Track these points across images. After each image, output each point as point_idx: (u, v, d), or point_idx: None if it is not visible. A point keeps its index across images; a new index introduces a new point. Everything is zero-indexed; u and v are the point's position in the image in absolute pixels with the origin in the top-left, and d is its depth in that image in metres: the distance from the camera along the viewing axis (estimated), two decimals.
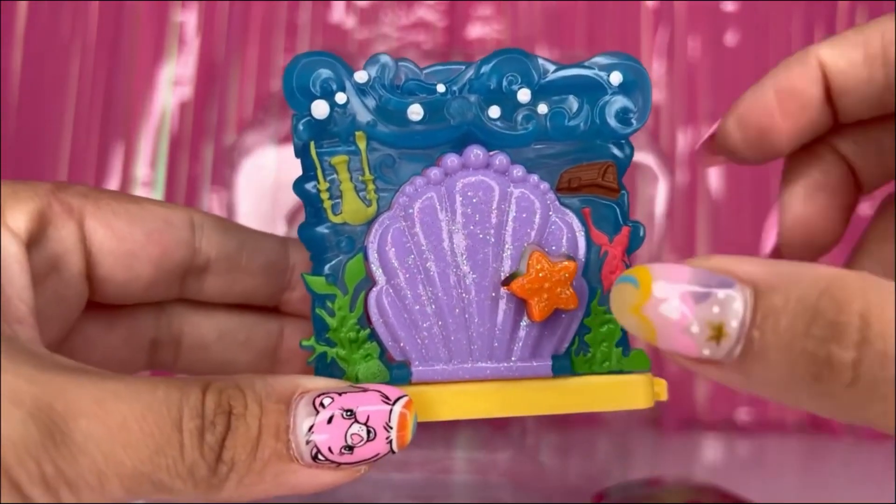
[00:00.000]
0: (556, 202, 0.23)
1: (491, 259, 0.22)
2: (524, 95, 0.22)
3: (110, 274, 0.22)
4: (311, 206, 0.22)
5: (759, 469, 0.49)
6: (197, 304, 0.25)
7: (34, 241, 0.21)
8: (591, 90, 0.22)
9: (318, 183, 0.22)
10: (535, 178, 0.22)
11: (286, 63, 0.22)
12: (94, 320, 0.23)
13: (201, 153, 0.51)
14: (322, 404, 0.19)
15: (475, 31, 0.53)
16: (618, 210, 0.23)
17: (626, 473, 0.43)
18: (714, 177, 0.52)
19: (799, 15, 0.53)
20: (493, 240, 0.22)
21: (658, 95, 0.52)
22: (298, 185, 0.22)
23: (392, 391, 0.20)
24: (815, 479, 0.48)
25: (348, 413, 0.19)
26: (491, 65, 0.22)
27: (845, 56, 0.22)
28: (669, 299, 0.16)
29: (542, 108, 0.22)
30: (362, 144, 0.22)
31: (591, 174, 0.22)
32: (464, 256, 0.22)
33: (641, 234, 0.23)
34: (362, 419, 0.19)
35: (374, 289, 0.22)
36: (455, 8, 0.52)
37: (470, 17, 0.53)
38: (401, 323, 0.22)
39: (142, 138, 0.51)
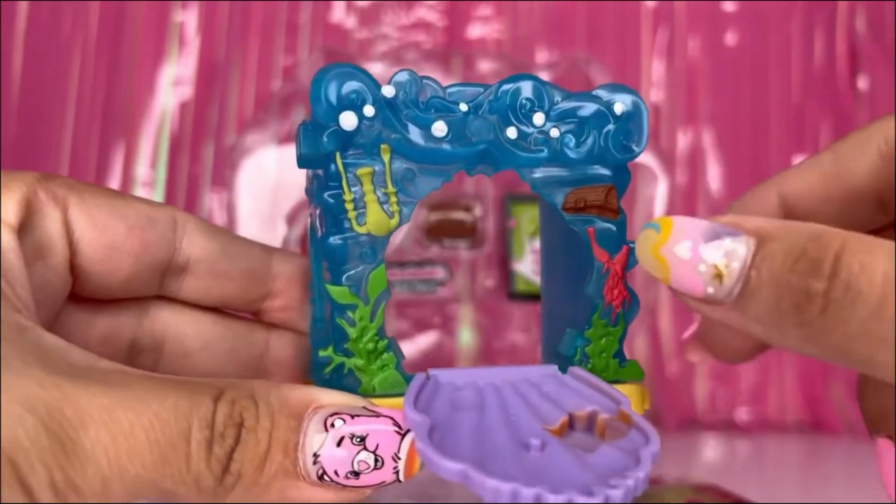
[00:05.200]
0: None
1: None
2: (539, 119, 0.23)
3: (90, 265, 0.22)
4: (332, 215, 0.22)
5: (759, 469, 0.49)
6: (180, 309, 0.25)
7: (22, 228, 0.21)
8: (597, 118, 0.24)
9: (344, 193, 0.22)
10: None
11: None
12: (74, 314, 0.23)
13: (201, 153, 0.51)
14: (333, 425, 0.19)
15: (475, 31, 0.53)
16: (617, 230, 0.24)
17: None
18: (714, 177, 0.52)
19: (799, 15, 0.53)
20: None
21: (658, 95, 0.52)
22: (319, 195, 0.22)
23: (404, 420, 0.20)
24: (815, 479, 0.48)
25: (358, 439, 0.19)
26: (509, 88, 0.23)
27: (802, 180, 0.24)
28: (683, 242, 0.18)
29: (554, 133, 0.23)
30: (386, 157, 0.22)
31: (595, 196, 0.24)
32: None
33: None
34: (371, 447, 0.19)
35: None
36: (455, 8, 0.52)
37: (470, 17, 0.53)
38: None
39: (142, 138, 0.51)
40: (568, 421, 0.21)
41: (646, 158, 0.49)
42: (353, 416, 0.19)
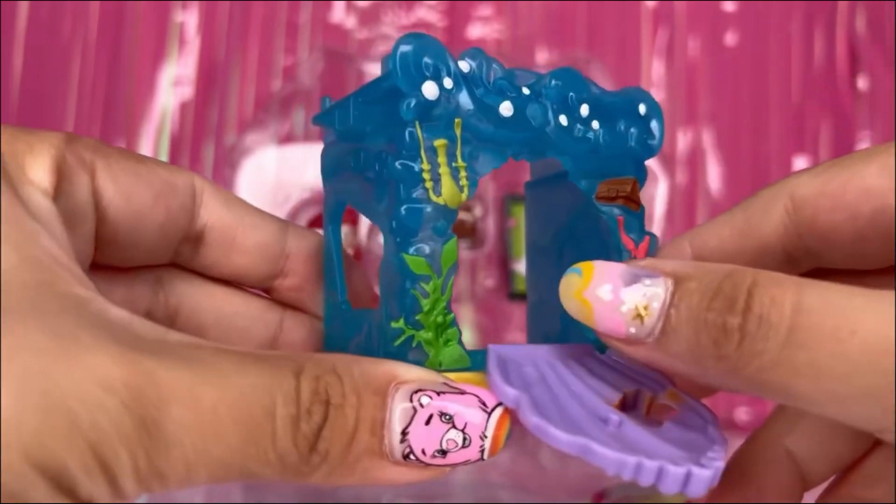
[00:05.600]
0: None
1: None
2: (584, 110, 0.24)
3: (116, 233, 0.21)
4: (406, 184, 0.21)
5: None
6: (195, 281, 0.24)
7: (55, 195, 0.19)
8: (629, 116, 0.25)
9: (422, 163, 0.22)
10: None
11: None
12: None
13: (202, 153, 0.51)
14: (420, 403, 0.18)
15: (475, 31, 0.53)
16: (639, 221, 0.25)
17: None
18: (714, 177, 0.52)
19: (799, 15, 0.53)
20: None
21: (658, 95, 0.52)
22: (390, 162, 0.22)
23: (489, 397, 0.19)
24: None
25: (447, 417, 0.18)
26: (561, 79, 0.24)
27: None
28: (605, 285, 0.19)
29: (595, 125, 0.24)
30: (458, 132, 0.22)
31: (624, 188, 0.25)
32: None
33: (657, 244, 0.26)
34: (460, 425, 0.18)
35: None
36: (455, 8, 0.52)
37: (470, 17, 0.53)
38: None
39: (142, 138, 0.51)
40: (623, 398, 0.21)
41: None
42: (438, 393, 0.19)
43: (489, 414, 0.19)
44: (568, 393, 0.21)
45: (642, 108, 0.25)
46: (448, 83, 0.22)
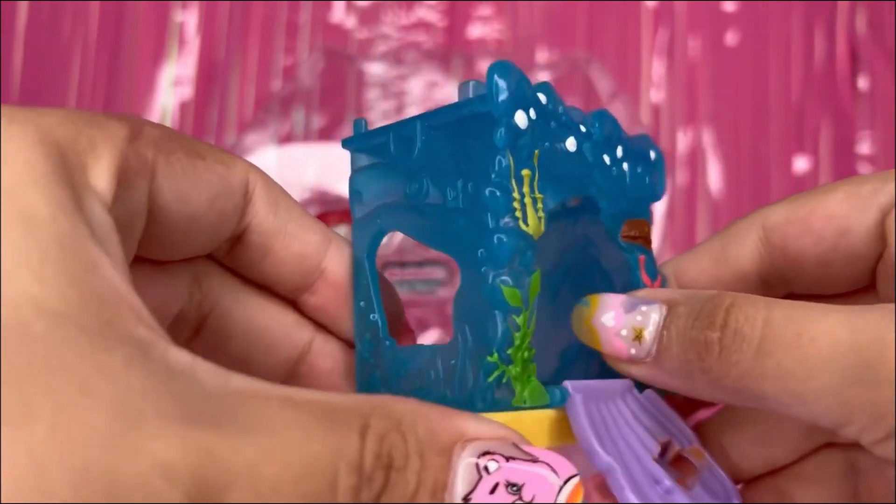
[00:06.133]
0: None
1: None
2: (619, 152, 0.25)
3: (166, 234, 0.20)
4: (497, 213, 0.21)
5: None
6: (231, 286, 0.23)
7: (113, 203, 0.18)
8: (644, 161, 0.26)
9: (513, 191, 0.21)
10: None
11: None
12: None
13: None
14: (487, 469, 0.17)
15: (475, 31, 0.53)
16: (652, 260, 0.26)
17: None
18: (714, 177, 0.52)
19: (799, 15, 0.53)
20: None
21: (658, 95, 0.52)
22: (477, 190, 0.21)
23: (564, 466, 0.17)
24: None
25: (515, 488, 0.17)
26: (604, 119, 0.24)
27: None
28: (608, 312, 0.22)
29: (625, 166, 0.25)
30: (535, 163, 0.22)
31: (643, 228, 0.26)
32: None
33: (666, 284, 0.27)
34: (528, 497, 0.17)
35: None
36: (455, 8, 0.52)
37: (470, 17, 0.53)
38: None
39: None
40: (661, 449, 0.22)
41: None
42: (507, 459, 0.17)
43: (561, 488, 0.17)
44: (625, 444, 0.21)
45: (652, 155, 0.26)
46: (532, 114, 0.21)
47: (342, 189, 0.47)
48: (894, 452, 0.19)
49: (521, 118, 0.21)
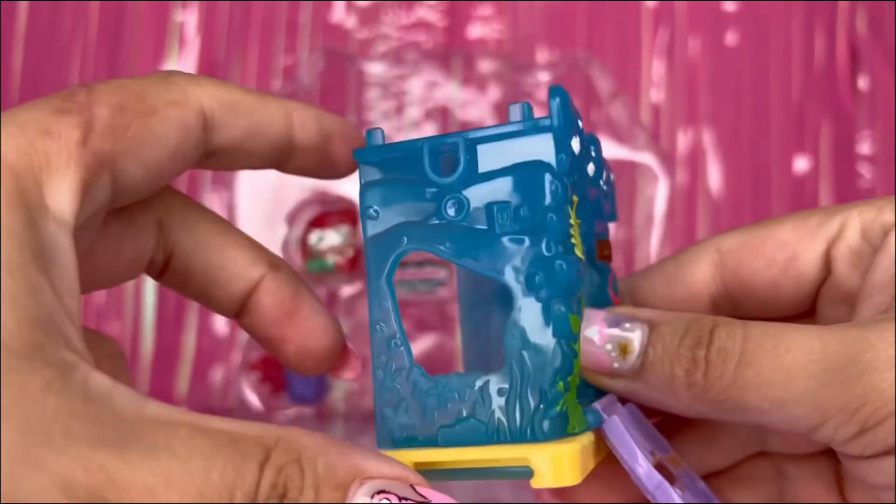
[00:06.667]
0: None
1: None
2: (591, 169, 0.25)
3: (132, 195, 0.21)
4: (555, 238, 0.21)
5: None
6: (191, 228, 0.24)
7: (78, 211, 0.19)
8: (607, 183, 0.26)
9: (570, 218, 0.21)
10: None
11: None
12: (103, 239, 0.22)
13: None
14: None
15: (475, 31, 0.53)
16: (615, 280, 0.26)
17: None
18: (714, 177, 0.52)
19: (799, 15, 0.53)
20: None
21: (658, 95, 0.52)
22: (534, 214, 0.21)
23: None
24: None
25: None
26: (595, 143, 0.25)
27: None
28: (592, 327, 0.23)
29: (603, 188, 0.26)
30: (572, 193, 0.22)
31: (607, 248, 0.26)
32: None
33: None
34: None
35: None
36: (455, 8, 0.52)
37: (470, 17, 0.53)
38: None
39: None
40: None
41: (646, 158, 0.49)
42: (400, 499, 0.18)
43: None
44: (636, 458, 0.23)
45: (613, 177, 0.27)
46: (576, 143, 0.21)
47: (342, 189, 0.47)
48: (865, 448, 0.21)
49: (576, 144, 0.21)
